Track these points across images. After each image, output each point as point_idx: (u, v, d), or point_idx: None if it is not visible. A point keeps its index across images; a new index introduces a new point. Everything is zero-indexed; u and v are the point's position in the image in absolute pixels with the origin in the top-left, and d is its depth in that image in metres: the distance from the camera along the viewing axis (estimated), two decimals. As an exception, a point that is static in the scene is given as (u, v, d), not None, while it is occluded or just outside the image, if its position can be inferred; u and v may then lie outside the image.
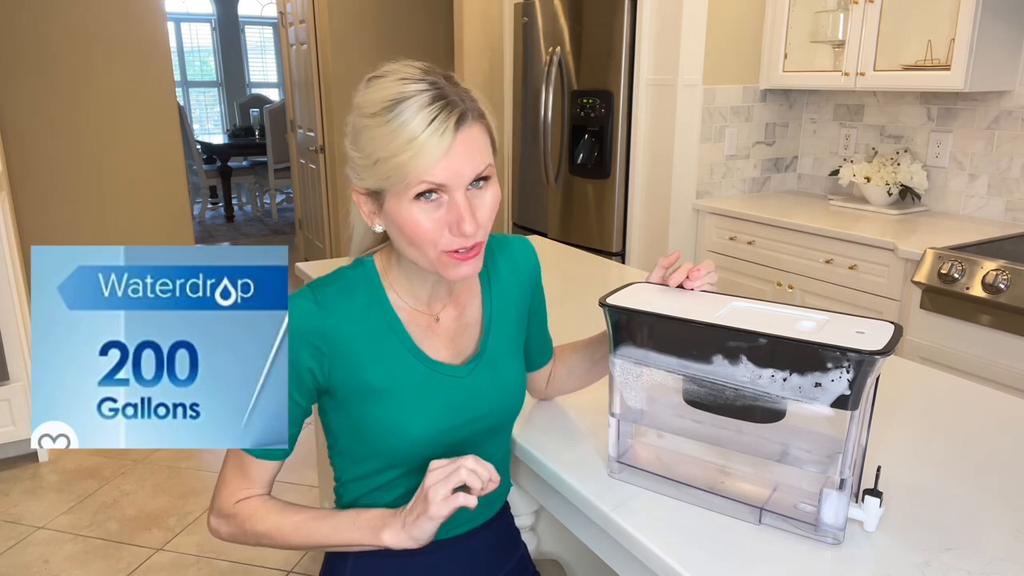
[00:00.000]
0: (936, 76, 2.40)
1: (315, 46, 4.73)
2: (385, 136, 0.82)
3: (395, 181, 0.83)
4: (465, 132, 0.83)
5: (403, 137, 0.81)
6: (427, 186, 0.83)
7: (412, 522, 0.87)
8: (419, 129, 0.81)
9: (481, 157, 0.85)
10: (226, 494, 0.94)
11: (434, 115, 0.81)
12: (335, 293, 0.93)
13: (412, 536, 0.87)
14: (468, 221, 0.84)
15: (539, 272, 1.10)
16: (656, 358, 0.90)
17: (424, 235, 0.85)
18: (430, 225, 0.85)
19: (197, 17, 8.96)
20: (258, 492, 0.95)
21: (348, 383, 0.92)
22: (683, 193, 2.94)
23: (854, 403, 0.78)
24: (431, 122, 0.81)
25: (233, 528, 0.94)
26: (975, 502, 0.92)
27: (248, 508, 0.93)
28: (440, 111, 0.82)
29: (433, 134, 0.81)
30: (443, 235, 0.85)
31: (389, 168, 0.83)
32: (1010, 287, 1.94)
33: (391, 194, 0.85)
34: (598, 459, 1.03)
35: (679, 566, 0.80)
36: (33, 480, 2.62)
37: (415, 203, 0.84)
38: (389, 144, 0.82)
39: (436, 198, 0.85)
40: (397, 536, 0.88)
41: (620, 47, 2.91)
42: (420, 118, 0.81)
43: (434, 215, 0.85)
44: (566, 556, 1.41)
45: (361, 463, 0.98)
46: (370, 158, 0.84)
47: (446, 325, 0.99)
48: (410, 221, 0.85)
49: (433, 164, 0.82)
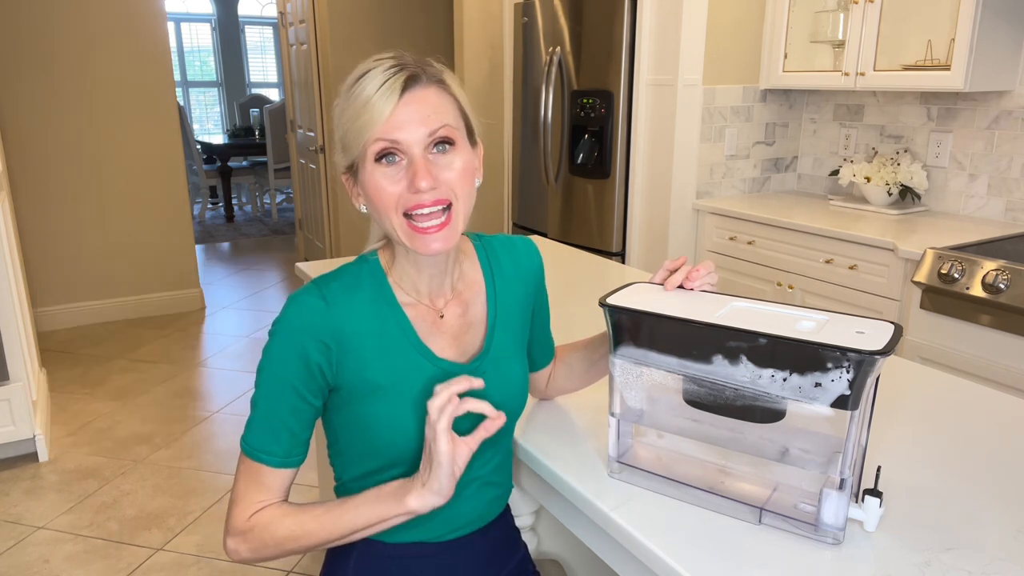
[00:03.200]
0: (936, 76, 2.40)
1: (315, 46, 4.73)
2: (348, 108, 0.87)
3: (357, 146, 0.87)
4: (417, 92, 0.86)
5: (360, 102, 0.86)
6: (382, 144, 0.86)
7: (430, 476, 0.86)
8: (372, 92, 0.85)
9: (436, 116, 0.87)
10: (240, 511, 0.92)
11: (386, 78, 0.85)
12: (341, 289, 0.92)
13: (432, 490, 0.86)
14: (422, 175, 0.85)
15: (543, 272, 1.10)
16: (656, 358, 0.90)
17: (387, 199, 0.87)
18: (391, 188, 0.87)
19: (197, 17, 8.96)
20: (275, 501, 0.93)
21: (354, 379, 0.92)
22: (683, 193, 2.94)
23: (854, 403, 0.78)
24: (383, 85, 0.85)
25: (252, 543, 0.91)
26: (975, 502, 0.92)
27: (264, 517, 0.91)
28: (393, 75, 0.86)
29: (383, 94, 0.85)
30: (402, 196, 0.87)
31: (352, 135, 0.87)
32: (1010, 287, 1.94)
33: (360, 164, 0.88)
34: (598, 459, 1.03)
35: (679, 566, 0.80)
36: (33, 480, 2.62)
37: (377, 167, 0.87)
38: (351, 114, 0.87)
39: (397, 161, 0.87)
40: (421, 496, 0.87)
41: (620, 47, 2.91)
42: (373, 83, 0.85)
43: (395, 177, 0.87)
44: (566, 556, 1.41)
45: (362, 462, 0.97)
46: (341, 131, 0.88)
47: (451, 323, 0.99)
48: (373, 186, 0.88)
49: (382, 120, 0.85)
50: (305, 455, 0.94)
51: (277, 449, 0.91)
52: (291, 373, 0.89)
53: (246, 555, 0.93)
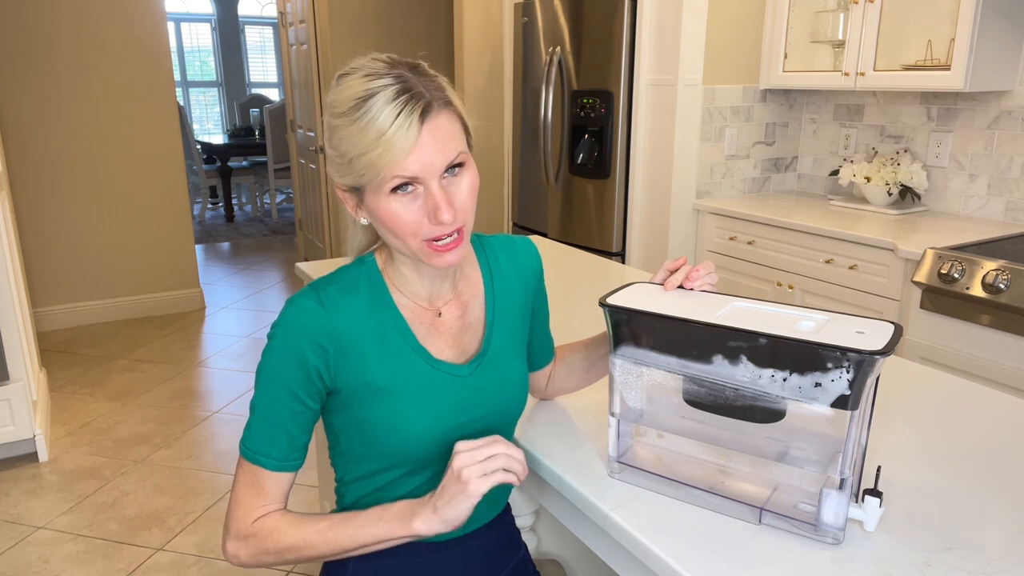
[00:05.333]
0: (936, 76, 2.40)
1: (315, 46, 4.73)
2: (355, 135, 0.84)
3: (370, 178, 0.85)
4: (432, 122, 0.84)
5: (372, 134, 0.83)
6: (400, 180, 0.85)
7: (445, 505, 0.86)
8: (386, 125, 0.82)
9: (451, 145, 0.86)
10: (241, 514, 0.92)
11: (399, 109, 0.82)
12: (338, 291, 0.93)
13: (445, 519, 0.86)
14: (445, 209, 0.85)
15: (542, 272, 1.10)
16: (656, 358, 0.90)
17: (404, 227, 0.87)
18: (409, 217, 0.86)
19: (197, 17, 8.96)
20: (275, 507, 0.93)
21: (352, 382, 0.92)
22: (683, 193, 2.94)
23: (854, 403, 0.78)
24: (397, 116, 0.82)
25: (253, 548, 0.92)
26: (975, 502, 0.92)
27: (268, 525, 0.91)
28: (405, 104, 0.83)
29: (400, 128, 0.82)
30: (423, 225, 0.87)
31: (362, 165, 0.84)
32: (1010, 287, 1.94)
33: (369, 190, 0.87)
34: (598, 459, 1.03)
35: (679, 566, 0.80)
36: (33, 480, 2.62)
37: (392, 196, 0.86)
38: (359, 142, 0.83)
39: (412, 190, 0.86)
40: (428, 522, 0.87)
41: (620, 47, 2.91)
42: (386, 114, 0.82)
43: (412, 206, 0.86)
44: (566, 556, 1.41)
45: (363, 463, 0.98)
46: (344, 157, 0.86)
47: (449, 324, 0.99)
48: (390, 214, 0.86)
49: (403, 158, 0.83)
50: (303, 459, 0.94)
51: (275, 452, 0.91)
52: (288, 376, 0.90)
53: (245, 560, 0.93)
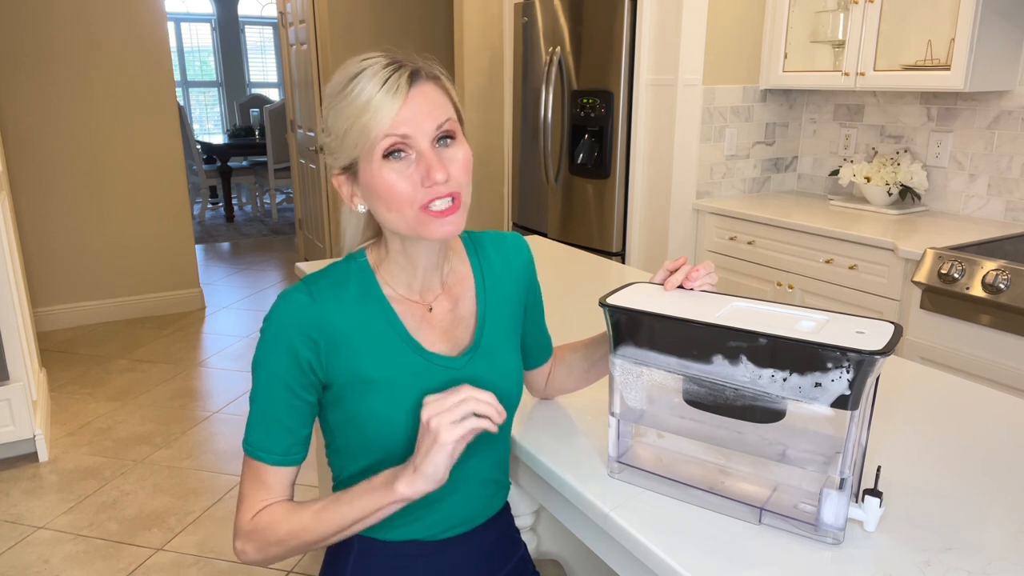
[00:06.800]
0: (936, 76, 2.40)
1: (315, 46, 4.73)
2: (347, 107, 0.86)
3: (362, 144, 0.86)
4: (419, 87, 0.87)
5: (361, 101, 0.85)
6: (392, 140, 0.86)
7: (422, 461, 0.84)
8: (375, 90, 0.85)
9: (440, 111, 0.88)
10: (244, 511, 0.93)
11: (387, 76, 0.86)
12: (328, 285, 0.93)
13: (424, 474, 0.84)
14: (437, 168, 0.86)
15: (533, 267, 1.10)
16: (656, 358, 0.90)
17: (400, 194, 0.87)
18: (403, 183, 0.87)
19: (197, 17, 8.96)
20: (278, 500, 0.93)
21: (345, 375, 0.92)
22: (683, 193, 2.94)
23: (854, 403, 0.78)
24: (385, 81, 0.85)
25: (257, 542, 0.92)
26: (975, 502, 0.92)
27: (266, 517, 0.92)
28: (392, 72, 0.86)
29: (388, 91, 0.85)
30: (418, 191, 0.87)
31: (355, 134, 0.86)
32: (1010, 287, 1.94)
33: (363, 161, 0.88)
34: (598, 459, 1.03)
35: (679, 566, 0.80)
36: (33, 480, 2.62)
37: (385, 163, 0.87)
38: (351, 113, 0.86)
39: (405, 156, 0.87)
40: (411, 481, 0.85)
41: (620, 47, 2.91)
42: (374, 82, 0.85)
43: (405, 173, 0.87)
44: (566, 556, 1.41)
45: (358, 459, 0.98)
46: (338, 132, 0.88)
47: (440, 317, 0.99)
48: (384, 183, 0.87)
49: (392, 116, 0.85)
50: (305, 453, 0.95)
51: (275, 447, 0.92)
52: (282, 369, 0.90)
53: (253, 555, 0.94)
